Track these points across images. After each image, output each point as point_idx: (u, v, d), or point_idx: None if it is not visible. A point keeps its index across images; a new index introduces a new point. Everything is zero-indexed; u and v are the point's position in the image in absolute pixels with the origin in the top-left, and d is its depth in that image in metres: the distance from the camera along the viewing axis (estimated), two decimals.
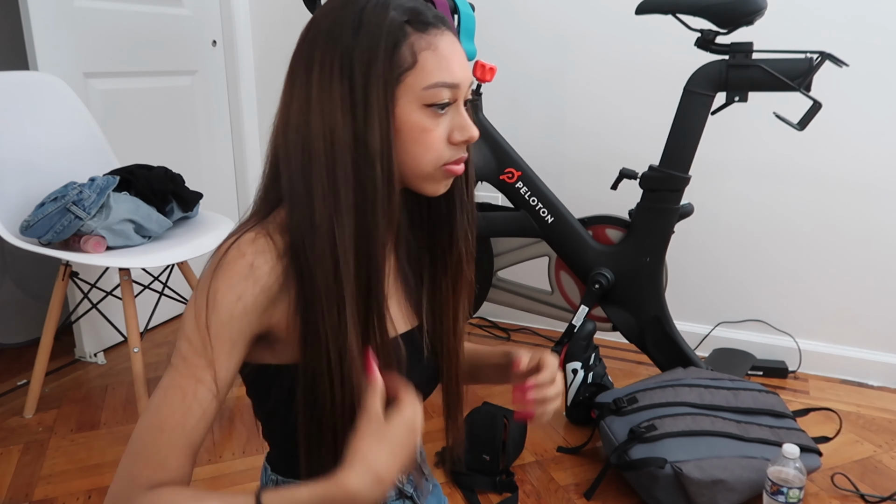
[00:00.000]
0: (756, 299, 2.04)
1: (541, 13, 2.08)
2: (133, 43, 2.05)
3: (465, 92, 0.70)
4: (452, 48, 0.68)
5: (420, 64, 0.66)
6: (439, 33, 0.67)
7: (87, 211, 1.51)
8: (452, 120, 0.69)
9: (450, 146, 0.69)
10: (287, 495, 0.62)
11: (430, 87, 0.66)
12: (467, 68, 0.69)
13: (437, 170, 0.70)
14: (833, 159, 1.87)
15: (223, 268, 0.66)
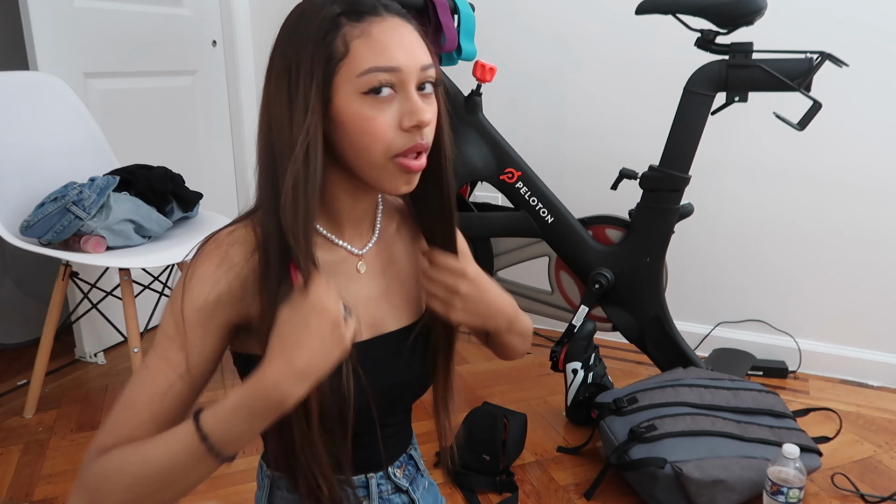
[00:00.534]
0: (756, 299, 2.04)
1: (541, 13, 2.08)
2: (133, 43, 2.05)
3: (414, 75, 0.67)
4: (391, 33, 0.67)
5: (352, 52, 0.66)
6: (377, 20, 0.67)
7: (87, 211, 1.51)
8: (401, 106, 0.67)
9: (402, 134, 0.67)
10: (220, 406, 0.62)
11: (364, 74, 0.65)
12: (414, 51, 0.67)
13: (389, 161, 0.68)
14: (833, 159, 1.87)
15: (200, 257, 0.69)
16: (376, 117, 0.66)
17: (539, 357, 2.05)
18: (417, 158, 0.69)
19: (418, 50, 0.68)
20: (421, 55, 0.68)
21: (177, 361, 0.68)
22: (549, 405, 1.78)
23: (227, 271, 0.68)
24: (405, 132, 0.67)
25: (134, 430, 0.67)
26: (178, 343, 0.68)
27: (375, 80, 0.65)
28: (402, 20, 0.69)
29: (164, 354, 0.69)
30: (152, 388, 0.68)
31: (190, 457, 0.62)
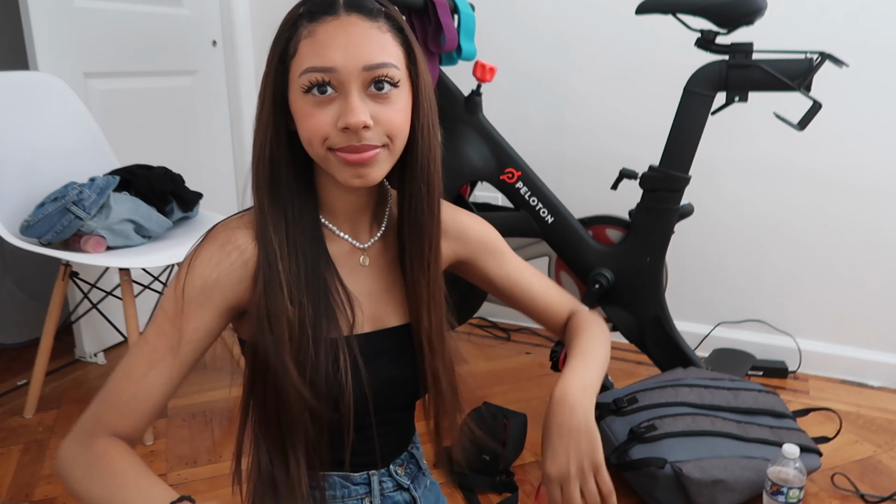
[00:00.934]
0: (756, 299, 2.04)
1: (541, 13, 2.08)
2: (133, 43, 2.05)
3: (354, 76, 0.67)
4: (337, 32, 0.67)
5: (298, 52, 0.69)
6: (329, 20, 0.68)
7: (88, 211, 1.51)
8: (340, 107, 0.68)
9: (338, 132, 0.68)
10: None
11: (303, 73, 0.68)
12: (358, 50, 0.67)
13: (329, 153, 0.69)
14: (833, 159, 1.87)
15: (206, 239, 0.73)
16: (314, 114, 0.68)
17: (539, 357, 2.05)
18: (351, 151, 0.68)
19: (367, 48, 0.67)
20: (369, 53, 0.67)
21: (172, 337, 0.71)
22: None
23: (229, 253, 0.71)
24: (342, 132, 0.68)
25: (127, 404, 0.71)
26: (174, 321, 0.71)
27: (311, 79, 0.67)
28: (362, 17, 0.68)
29: (161, 331, 0.71)
30: (148, 363, 0.71)
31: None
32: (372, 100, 0.68)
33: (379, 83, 0.68)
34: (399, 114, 0.70)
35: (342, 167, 0.70)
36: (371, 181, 0.70)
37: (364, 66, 0.67)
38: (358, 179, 0.70)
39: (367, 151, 0.68)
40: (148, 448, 1.56)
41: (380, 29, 0.69)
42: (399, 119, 0.70)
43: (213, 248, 0.71)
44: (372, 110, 0.68)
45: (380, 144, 0.69)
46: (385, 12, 0.71)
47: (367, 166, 0.69)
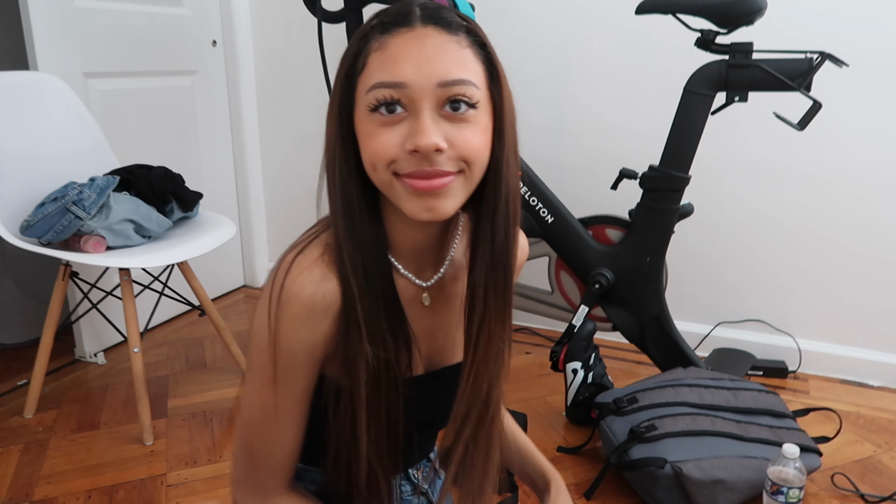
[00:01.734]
0: (756, 299, 2.04)
1: (541, 13, 2.08)
2: (133, 43, 2.05)
3: (427, 92, 0.60)
4: (409, 44, 0.60)
5: (367, 67, 0.62)
6: (402, 31, 0.61)
7: (87, 211, 1.51)
8: (410, 127, 0.60)
9: (406, 155, 0.61)
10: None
11: (371, 90, 0.61)
12: (433, 64, 0.60)
13: (394, 180, 0.62)
14: (833, 159, 1.87)
15: (284, 307, 0.65)
16: (376, 135, 0.61)
17: (539, 357, 2.05)
18: (418, 178, 0.61)
19: (443, 63, 0.60)
20: (445, 69, 0.60)
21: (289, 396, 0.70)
22: (549, 405, 1.78)
23: (322, 314, 0.66)
24: (410, 156, 0.61)
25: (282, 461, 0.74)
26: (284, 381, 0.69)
27: (378, 95, 0.60)
28: (439, 30, 0.61)
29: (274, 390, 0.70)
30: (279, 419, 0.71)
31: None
32: (446, 121, 0.61)
33: (455, 103, 0.61)
34: (478, 136, 0.62)
35: (409, 197, 0.62)
36: (442, 215, 0.62)
37: (439, 83, 0.60)
38: (427, 213, 0.62)
39: (439, 178, 0.61)
40: (148, 448, 1.57)
41: (459, 43, 0.62)
42: (477, 142, 0.62)
43: (302, 311, 0.65)
44: (446, 132, 0.61)
45: (454, 171, 0.62)
46: (466, 26, 0.64)
47: (439, 197, 0.62)
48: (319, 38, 1.66)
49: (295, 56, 2.40)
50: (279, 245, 2.69)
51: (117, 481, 1.44)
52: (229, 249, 2.59)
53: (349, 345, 0.67)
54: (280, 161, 2.57)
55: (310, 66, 2.36)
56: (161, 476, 1.46)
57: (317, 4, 1.62)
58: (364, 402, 0.68)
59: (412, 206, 0.62)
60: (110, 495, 1.40)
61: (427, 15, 0.62)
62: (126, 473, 1.47)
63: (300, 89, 2.44)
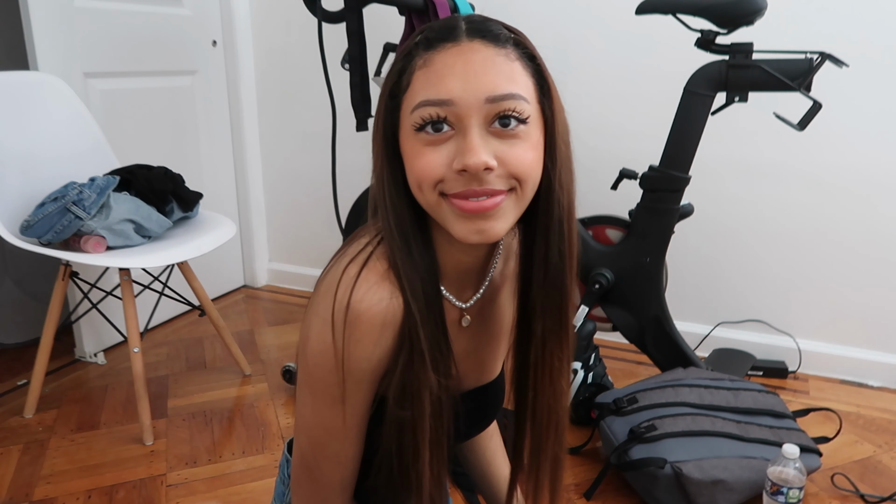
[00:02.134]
0: (756, 299, 2.04)
1: (541, 13, 2.08)
2: (133, 43, 2.05)
3: (475, 108, 0.58)
4: (455, 60, 0.58)
5: (412, 85, 0.60)
6: (448, 46, 0.59)
7: (88, 211, 1.51)
8: (457, 145, 0.58)
9: (454, 174, 0.58)
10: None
11: (416, 108, 0.59)
12: (480, 80, 0.57)
13: (441, 200, 0.60)
14: (833, 160, 1.87)
15: (354, 325, 0.62)
16: (425, 153, 0.59)
17: None
18: (467, 197, 0.59)
19: (491, 78, 0.58)
20: (493, 84, 0.58)
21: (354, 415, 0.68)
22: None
23: (379, 342, 0.64)
24: (458, 175, 0.58)
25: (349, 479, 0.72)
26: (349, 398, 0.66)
27: (424, 114, 0.58)
28: (486, 44, 0.59)
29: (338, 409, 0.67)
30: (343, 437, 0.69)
31: None
32: (496, 137, 0.59)
33: (504, 119, 0.58)
34: (529, 152, 0.60)
35: (458, 219, 0.60)
36: (493, 237, 0.60)
37: (487, 98, 0.57)
38: (477, 235, 0.60)
39: (489, 198, 0.59)
40: (148, 448, 1.57)
41: (507, 56, 0.59)
42: (529, 158, 0.60)
43: (373, 330, 0.62)
44: (495, 150, 0.59)
45: (505, 189, 0.60)
46: (514, 39, 0.61)
47: (489, 218, 0.59)
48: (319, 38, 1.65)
49: (295, 56, 2.40)
50: (279, 245, 2.69)
51: (117, 481, 1.44)
52: (229, 249, 2.59)
53: (413, 374, 0.64)
54: (280, 161, 2.57)
55: (310, 66, 2.36)
56: (161, 476, 1.46)
57: (317, 4, 1.62)
58: (428, 435, 0.66)
59: (461, 229, 0.60)
60: (110, 495, 1.40)
61: (473, 28, 0.60)
62: (126, 473, 1.47)
63: (300, 89, 2.44)
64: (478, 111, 0.58)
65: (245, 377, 1.92)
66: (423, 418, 0.65)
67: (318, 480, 0.71)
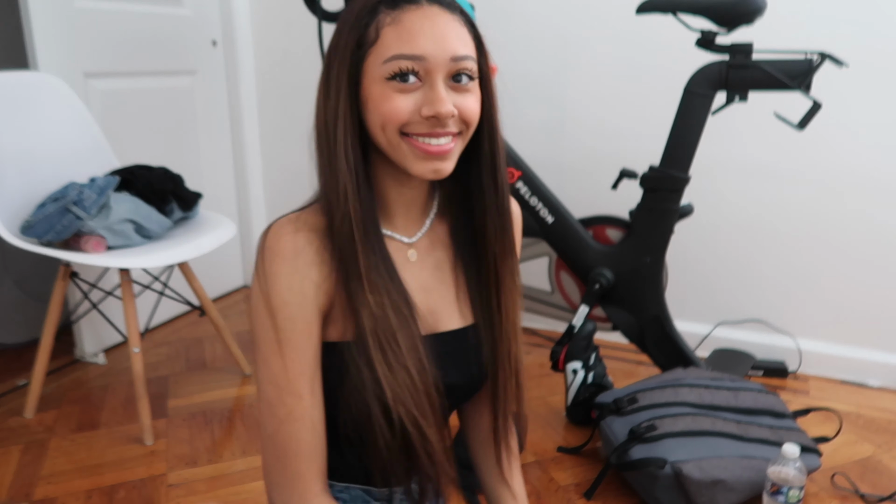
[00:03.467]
0: (756, 299, 2.04)
1: (541, 13, 2.08)
2: (133, 43, 2.05)
3: (442, 65, 0.68)
4: (423, 21, 0.67)
5: (381, 39, 0.68)
6: (413, 7, 0.68)
7: (88, 211, 1.51)
8: (425, 95, 0.68)
9: (421, 119, 0.68)
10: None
11: (389, 60, 0.67)
12: (446, 40, 0.68)
13: (403, 140, 0.69)
14: (833, 159, 1.87)
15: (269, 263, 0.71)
16: (394, 98, 0.68)
17: (539, 357, 2.05)
18: (435, 142, 0.69)
19: (452, 40, 0.68)
20: (454, 45, 0.68)
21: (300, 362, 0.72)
22: (549, 405, 1.78)
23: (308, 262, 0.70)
24: (425, 120, 0.68)
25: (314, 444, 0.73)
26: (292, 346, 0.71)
27: (397, 66, 0.67)
28: (442, 9, 0.69)
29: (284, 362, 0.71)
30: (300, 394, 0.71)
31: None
32: (452, 91, 0.69)
33: (458, 76, 0.69)
34: (476, 103, 0.72)
35: (416, 159, 0.70)
36: (445, 173, 0.71)
37: (452, 57, 0.68)
38: (433, 173, 0.70)
39: (447, 142, 0.69)
40: (148, 448, 1.57)
41: (460, 22, 0.70)
42: (476, 108, 0.72)
43: (284, 262, 0.70)
44: (453, 100, 0.69)
45: (456, 131, 0.71)
46: (459, 7, 0.72)
47: (445, 159, 0.70)
48: (319, 38, 1.66)
49: (295, 56, 2.40)
50: None
51: (117, 481, 1.44)
52: (229, 249, 2.59)
53: (352, 299, 0.71)
54: (280, 161, 2.57)
55: (310, 66, 2.36)
56: (161, 476, 1.46)
57: (317, 4, 1.63)
58: (375, 349, 0.70)
59: (419, 168, 0.70)
60: (110, 495, 1.40)
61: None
62: (126, 473, 1.47)
63: (300, 89, 2.44)
64: (443, 68, 0.68)
65: (245, 377, 1.92)
66: (365, 334, 0.70)
67: (284, 451, 0.72)
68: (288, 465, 0.72)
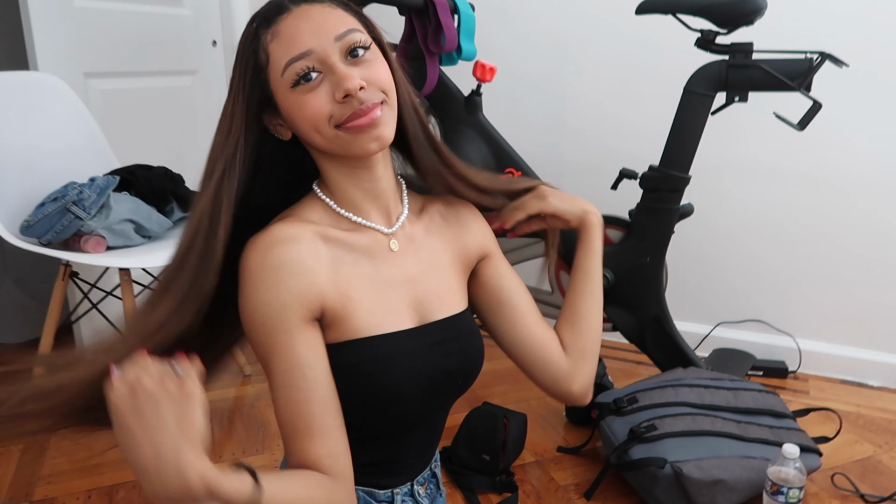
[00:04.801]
0: (756, 299, 2.04)
1: (541, 13, 2.08)
2: (133, 43, 2.05)
3: (330, 49, 0.70)
4: (297, 21, 0.70)
5: (271, 56, 0.71)
6: (285, 16, 0.71)
7: (88, 211, 1.51)
8: (330, 81, 0.70)
9: (340, 105, 0.70)
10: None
11: (284, 70, 0.70)
12: (323, 27, 0.70)
13: (338, 133, 0.71)
14: (833, 159, 1.87)
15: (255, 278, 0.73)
16: (307, 102, 0.70)
17: None
18: (359, 116, 0.70)
19: (330, 23, 0.70)
20: (334, 26, 0.70)
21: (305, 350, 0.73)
22: (549, 405, 1.78)
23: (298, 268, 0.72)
24: (342, 103, 0.70)
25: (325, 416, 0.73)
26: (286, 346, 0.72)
27: (294, 71, 0.70)
28: (310, 4, 0.71)
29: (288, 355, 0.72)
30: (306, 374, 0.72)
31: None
32: (354, 66, 0.71)
33: (353, 51, 0.71)
34: (382, 69, 0.73)
35: (355, 139, 0.71)
36: (386, 140, 0.73)
37: (335, 37, 0.70)
38: (375, 143, 0.72)
39: (372, 111, 0.70)
40: None
41: (331, 6, 0.72)
42: (384, 74, 0.73)
43: (269, 273, 0.71)
44: (359, 74, 0.71)
45: (379, 101, 0.72)
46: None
47: (378, 126, 0.72)
48: None
49: None
50: None
51: (117, 481, 1.44)
52: None
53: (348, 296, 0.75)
54: None
55: None
56: None
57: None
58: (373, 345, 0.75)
59: (360, 145, 0.72)
60: (110, 495, 1.40)
61: (284, 2, 0.72)
62: (126, 473, 1.47)
63: None
64: (333, 50, 0.70)
65: (245, 377, 1.92)
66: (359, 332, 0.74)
67: (295, 413, 0.72)
68: (299, 434, 0.72)
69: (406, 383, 0.75)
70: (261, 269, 0.70)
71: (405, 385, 0.75)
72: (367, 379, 0.74)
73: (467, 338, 0.83)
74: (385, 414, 0.76)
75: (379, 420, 0.77)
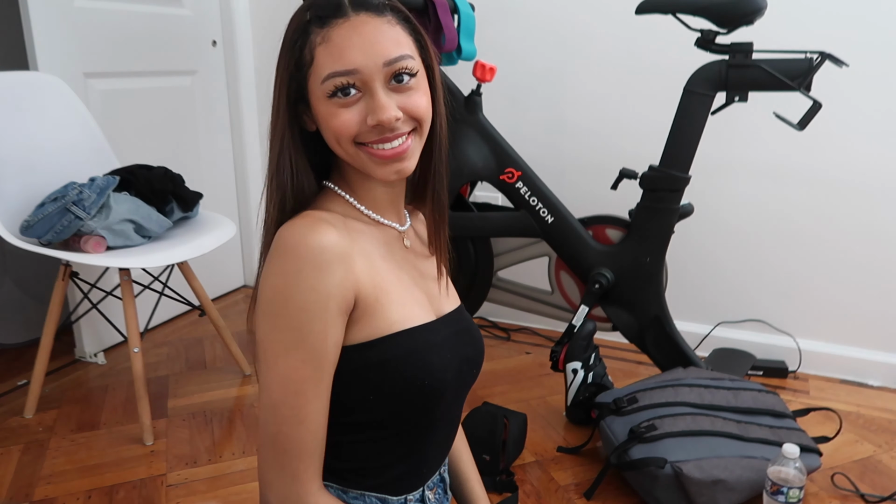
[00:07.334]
0: (756, 299, 2.04)
1: (541, 13, 2.08)
2: (133, 43, 2.05)
3: (376, 73, 0.69)
4: (351, 34, 0.68)
5: (316, 59, 0.70)
6: (340, 22, 0.69)
7: (88, 211, 1.51)
8: (367, 104, 0.70)
9: (369, 128, 0.70)
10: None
11: (325, 80, 0.69)
12: (376, 48, 0.68)
13: (359, 150, 0.71)
14: (833, 159, 1.87)
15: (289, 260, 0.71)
16: (338, 115, 0.70)
17: (539, 357, 2.05)
18: (389, 146, 0.70)
19: (383, 45, 0.69)
20: (386, 50, 0.69)
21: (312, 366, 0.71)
22: (549, 405, 1.78)
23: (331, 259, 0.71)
24: (373, 128, 0.70)
25: (316, 446, 0.72)
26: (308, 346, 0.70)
27: (334, 84, 0.69)
28: (371, 15, 0.70)
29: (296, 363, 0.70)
30: (306, 397, 0.70)
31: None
32: (395, 92, 0.70)
33: (399, 76, 0.70)
34: (423, 98, 0.73)
35: (377, 165, 0.72)
36: (407, 173, 0.73)
37: (384, 63, 0.69)
38: (395, 175, 0.72)
39: (400, 143, 0.71)
40: (148, 448, 1.57)
41: (389, 23, 0.70)
42: (423, 104, 0.73)
43: (307, 258, 0.68)
44: (397, 101, 0.70)
45: (409, 130, 0.72)
46: (389, 5, 0.72)
47: (403, 160, 0.72)
48: None
49: None
50: None
51: (117, 481, 1.44)
52: (229, 249, 2.59)
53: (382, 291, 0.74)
54: None
55: None
56: (161, 476, 1.46)
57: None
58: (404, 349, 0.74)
59: (381, 172, 0.72)
60: (110, 495, 1.40)
61: (356, 2, 0.70)
62: (126, 473, 1.47)
63: None
64: (378, 74, 0.69)
65: (245, 377, 1.93)
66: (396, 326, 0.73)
67: (284, 450, 0.71)
68: (287, 465, 0.71)
69: (442, 373, 0.75)
70: (305, 249, 0.67)
71: (441, 375, 0.75)
72: (406, 372, 0.73)
73: (474, 328, 0.87)
74: (419, 407, 0.76)
75: (411, 414, 0.76)
